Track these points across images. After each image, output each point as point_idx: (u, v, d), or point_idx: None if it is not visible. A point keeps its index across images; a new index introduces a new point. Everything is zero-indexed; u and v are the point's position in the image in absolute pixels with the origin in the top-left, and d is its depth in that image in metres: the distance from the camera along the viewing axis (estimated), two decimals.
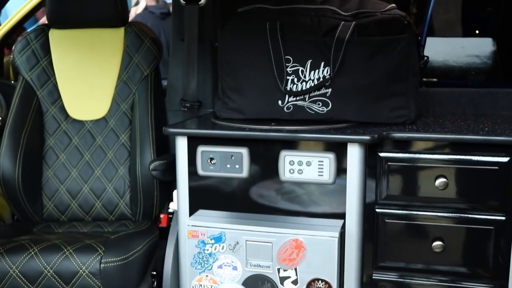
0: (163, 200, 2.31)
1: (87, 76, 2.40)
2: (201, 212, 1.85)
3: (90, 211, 2.34)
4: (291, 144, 1.75)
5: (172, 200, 2.03)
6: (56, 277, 1.89)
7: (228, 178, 1.81)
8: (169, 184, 2.28)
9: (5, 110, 2.48)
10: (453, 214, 1.68)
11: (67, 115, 2.39)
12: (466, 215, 1.67)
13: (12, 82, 2.79)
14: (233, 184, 1.81)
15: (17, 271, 1.89)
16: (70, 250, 1.92)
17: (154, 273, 2.08)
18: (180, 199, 1.87)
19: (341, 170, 1.71)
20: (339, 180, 1.72)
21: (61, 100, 2.39)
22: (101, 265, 1.89)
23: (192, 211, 1.86)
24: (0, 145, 2.26)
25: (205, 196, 1.84)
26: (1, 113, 2.50)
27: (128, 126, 2.36)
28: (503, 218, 1.65)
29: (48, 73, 2.39)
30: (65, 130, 2.38)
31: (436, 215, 1.69)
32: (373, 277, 1.77)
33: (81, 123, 2.39)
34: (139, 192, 2.26)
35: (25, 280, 1.89)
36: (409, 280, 1.75)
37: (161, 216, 2.33)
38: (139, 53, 2.38)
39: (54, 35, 2.43)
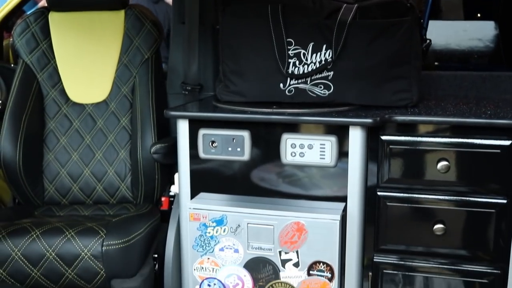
0: (164, 183, 2.32)
1: (87, 59, 2.39)
2: (202, 195, 1.85)
3: (91, 194, 2.34)
4: (293, 127, 1.74)
5: (173, 183, 2.03)
6: (58, 259, 1.90)
7: (230, 161, 1.81)
8: (170, 167, 2.28)
9: (5, 94, 2.47)
10: (455, 197, 1.68)
11: (67, 99, 2.38)
12: (467, 198, 1.67)
13: (12, 65, 2.77)
14: (234, 167, 1.81)
15: (19, 254, 1.89)
16: (72, 233, 1.92)
17: (156, 255, 2.09)
18: (182, 182, 1.87)
19: (342, 153, 1.71)
20: (340, 163, 1.72)
21: (62, 83, 2.38)
22: (103, 248, 1.90)
23: (193, 194, 1.86)
24: (1, 128, 2.25)
25: (207, 179, 1.84)
26: (1, 96, 2.49)
27: (129, 110, 2.35)
28: (505, 201, 1.65)
29: (48, 56, 2.38)
30: (66, 114, 2.37)
31: (437, 198, 1.69)
32: (374, 260, 1.78)
33: (81, 106, 2.38)
34: (140, 175, 2.26)
35: (27, 263, 1.89)
36: (410, 263, 1.75)
37: (162, 199, 2.33)
38: (139, 36, 2.37)
39: (54, 18, 2.41)
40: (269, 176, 1.79)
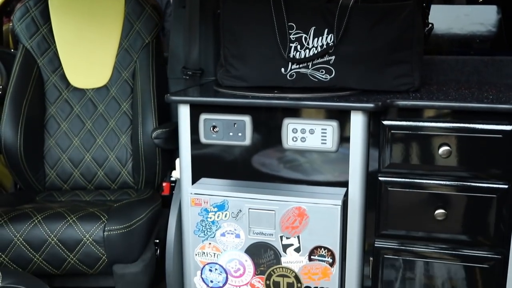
0: (165, 169, 2.32)
1: (87, 44, 2.38)
2: (203, 180, 1.85)
3: (92, 179, 2.35)
4: (294, 112, 1.74)
5: (174, 169, 2.03)
6: (60, 245, 1.90)
7: (231, 146, 1.80)
8: (171, 152, 2.28)
9: (6, 79, 2.47)
10: (456, 183, 1.68)
11: (68, 84, 2.38)
12: (469, 184, 1.67)
13: (12, 50, 2.76)
14: (235, 152, 1.81)
15: (21, 239, 1.90)
16: (74, 218, 1.92)
17: (157, 241, 2.09)
18: (183, 167, 1.87)
19: (344, 138, 1.71)
20: (342, 148, 1.71)
21: (62, 68, 2.38)
22: (105, 233, 1.90)
23: (194, 179, 1.86)
24: (1, 114, 2.25)
25: (208, 164, 1.84)
26: (1, 81, 2.48)
27: (130, 94, 2.35)
28: (506, 186, 1.65)
29: (48, 41, 2.37)
30: (66, 99, 2.36)
31: (439, 184, 1.69)
32: (375, 245, 1.78)
33: (82, 91, 2.37)
34: (141, 160, 2.26)
35: (29, 248, 1.90)
36: (411, 248, 1.76)
37: (164, 184, 2.33)
38: (140, 20, 2.35)
39: (54, 2, 2.39)
40: (270, 161, 1.79)
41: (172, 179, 2.31)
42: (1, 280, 1.41)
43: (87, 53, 2.38)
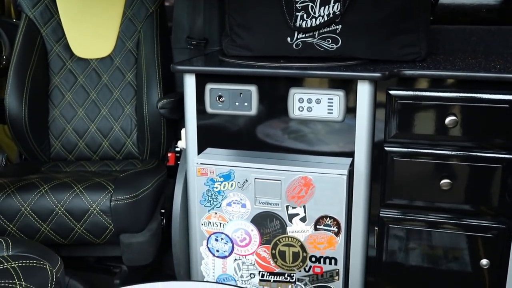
0: (170, 139, 2.32)
1: (91, 13, 2.36)
2: (209, 150, 1.86)
3: (97, 150, 2.35)
4: (301, 82, 1.73)
5: (179, 139, 2.03)
6: (67, 214, 1.91)
7: (237, 116, 1.80)
8: (176, 122, 2.28)
9: (9, 49, 2.45)
10: (462, 152, 1.68)
11: (72, 54, 2.36)
12: (475, 153, 1.67)
13: (14, 20, 2.74)
14: (241, 122, 1.81)
15: (28, 209, 1.91)
16: (81, 188, 1.93)
17: (163, 211, 2.10)
18: (189, 137, 1.87)
19: (350, 107, 1.70)
20: (348, 118, 1.71)
21: (66, 38, 2.36)
22: (112, 203, 1.91)
23: (200, 150, 1.86)
24: (6, 84, 2.24)
25: (214, 134, 1.84)
26: (5, 52, 2.46)
27: (134, 65, 2.33)
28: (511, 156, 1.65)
29: (52, 10, 2.35)
30: (70, 69, 2.35)
31: (445, 153, 1.69)
32: (380, 215, 1.79)
33: (86, 61, 2.36)
34: (146, 131, 2.26)
35: (36, 218, 1.91)
36: (416, 218, 1.77)
37: (169, 154, 2.33)
38: None
39: None
40: (277, 131, 1.79)
41: (177, 149, 2.31)
42: (11, 248, 1.43)
43: (91, 22, 2.36)
